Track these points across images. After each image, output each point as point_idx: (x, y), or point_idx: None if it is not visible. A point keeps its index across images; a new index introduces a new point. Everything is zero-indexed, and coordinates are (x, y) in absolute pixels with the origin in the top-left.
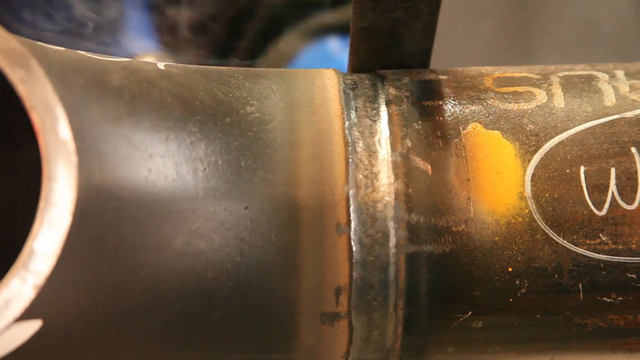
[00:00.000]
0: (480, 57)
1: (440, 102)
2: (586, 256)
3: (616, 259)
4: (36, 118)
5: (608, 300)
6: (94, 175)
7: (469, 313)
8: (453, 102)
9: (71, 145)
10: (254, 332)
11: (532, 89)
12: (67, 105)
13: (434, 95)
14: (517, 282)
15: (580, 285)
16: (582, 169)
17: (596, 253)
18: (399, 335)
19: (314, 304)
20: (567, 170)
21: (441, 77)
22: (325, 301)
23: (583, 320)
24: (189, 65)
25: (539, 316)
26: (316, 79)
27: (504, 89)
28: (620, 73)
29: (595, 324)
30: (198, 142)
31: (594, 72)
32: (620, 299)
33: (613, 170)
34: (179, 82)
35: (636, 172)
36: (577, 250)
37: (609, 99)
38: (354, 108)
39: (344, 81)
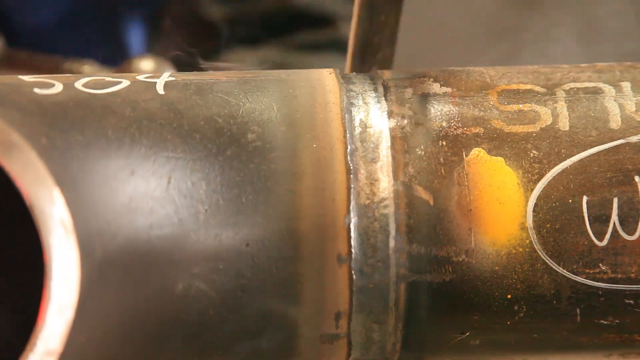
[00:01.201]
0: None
1: (444, 124)
2: (585, 284)
3: (615, 286)
4: (30, 205)
5: (605, 322)
6: (95, 252)
7: (467, 333)
8: (456, 124)
9: (69, 225)
10: (255, 351)
11: (537, 108)
12: (63, 179)
13: (437, 114)
14: (516, 308)
15: (578, 310)
16: (585, 198)
17: (595, 281)
18: (397, 351)
19: (314, 328)
20: (570, 200)
21: (445, 89)
22: (325, 324)
23: (579, 338)
24: (189, 81)
25: (536, 336)
26: (318, 92)
27: (508, 107)
28: (626, 86)
29: (591, 340)
30: (199, 183)
31: (600, 85)
32: (617, 321)
33: (615, 200)
34: (178, 112)
35: (638, 202)
36: (576, 279)
37: (615, 120)
38: (356, 128)
39: (346, 94)
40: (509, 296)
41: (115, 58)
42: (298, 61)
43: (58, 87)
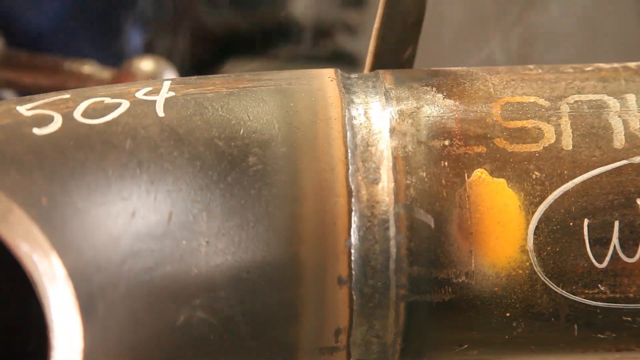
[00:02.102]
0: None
1: (446, 143)
2: (584, 303)
3: (613, 305)
4: (30, 278)
5: (602, 336)
6: (98, 310)
7: (465, 346)
8: (459, 143)
9: (70, 292)
10: None
11: (541, 125)
12: (64, 241)
13: (440, 132)
14: (514, 324)
15: (575, 326)
16: (586, 221)
17: (594, 301)
18: None
19: (313, 342)
20: (571, 224)
21: (447, 102)
22: (325, 339)
23: (576, 349)
24: (189, 96)
25: (533, 347)
26: (319, 105)
27: (512, 124)
28: (631, 100)
29: (588, 351)
30: (200, 214)
31: (605, 98)
32: (615, 335)
33: (617, 223)
34: (179, 138)
35: (639, 225)
36: (575, 299)
37: (618, 139)
38: (358, 146)
39: (348, 107)
40: (507, 314)
41: (115, 58)
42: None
43: (57, 122)
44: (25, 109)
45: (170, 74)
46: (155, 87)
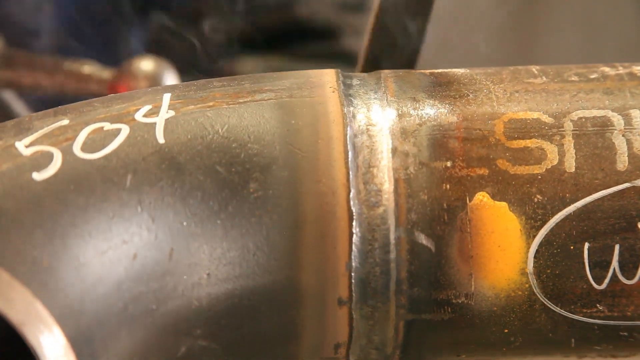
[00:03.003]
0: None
1: (449, 164)
2: (581, 321)
3: (611, 322)
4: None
5: (598, 347)
6: None
7: (463, 356)
8: (462, 164)
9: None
10: None
11: (544, 145)
12: (67, 305)
13: (442, 153)
14: (512, 339)
15: (572, 340)
16: (586, 245)
17: (592, 319)
18: None
19: (313, 355)
20: (571, 247)
21: (450, 118)
22: (324, 352)
23: (571, 356)
24: (190, 116)
25: (529, 357)
26: (321, 122)
27: (514, 144)
28: (636, 116)
29: (584, 357)
30: (201, 247)
31: (609, 115)
32: (611, 346)
33: (617, 246)
34: (179, 167)
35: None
36: (573, 317)
37: (621, 160)
38: (360, 167)
39: (350, 124)
40: (505, 330)
41: (115, 59)
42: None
43: (56, 161)
44: (24, 146)
45: (170, 74)
46: (155, 104)
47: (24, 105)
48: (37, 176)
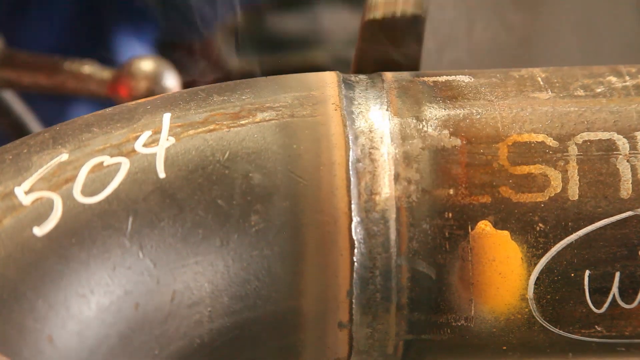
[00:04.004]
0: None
1: (451, 192)
2: (580, 340)
3: (608, 340)
4: None
5: (596, 359)
6: None
7: None
8: (464, 192)
9: None
10: None
11: (548, 171)
12: None
13: (445, 180)
14: (510, 354)
15: (570, 354)
16: (587, 272)
17: (589, 337)
18: None
19: None
20: (572, 274)
21: (454, 141)
22: None
23: None
24: (190, 144)
25: None
26: (323, 146)
27: (518, 170)
28: None
29: None
30: (202, 285)
31: (614, 137)
32: (608, 358)
33: (618, 274)
34: (180, 205)
35: None
36: (571, 337)
37: (625, 188)
38: (362, 194)
39: (352, 148)
40: (504, 347)
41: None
42: None
43: (57, 211)
44: (23, 192)
45: (170, 74)
46: (155, 128)
47: (24, 105)
48: (38, 231)
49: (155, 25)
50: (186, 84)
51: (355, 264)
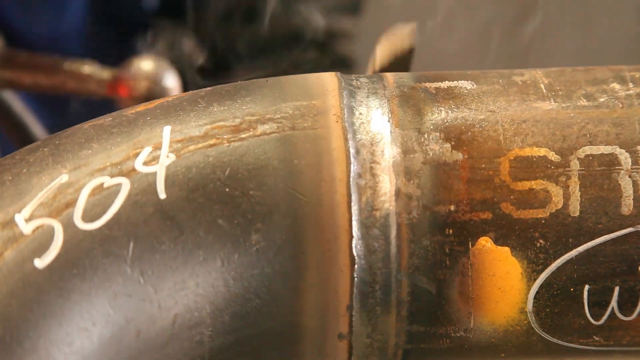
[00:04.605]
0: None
1: (452, 208)
2: (577, 348)
3: (606, 349)
4: None
5: None
6: None
7: None
8: (465, 209)
9: None
10: None
11: (549, 186)
12: None
13: (446, 195)
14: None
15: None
16: (587, 287)
17: (587, 346)
18: None
19: None
20: (571, 289)
21: (455, 155)
22: None
23: None
24: (191, 160)
25: None
26: (324, 162)
27: (519, 185)
28: None
29: None
30: (203, 306)
31: (616, 152)
32: None
33: (617, 288)
34: (181, 226)
35: (639, 290)
36: (569, 345)
37: (626, 204)
38: (362, 210)
39: (354, 163)
40: (502, 355)
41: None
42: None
43: (58, 239)
44: (24, 220)
45: (170, 74)
46: (156, 144)
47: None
48: (39, 263)
49: None
50: None
51: (356, 279)
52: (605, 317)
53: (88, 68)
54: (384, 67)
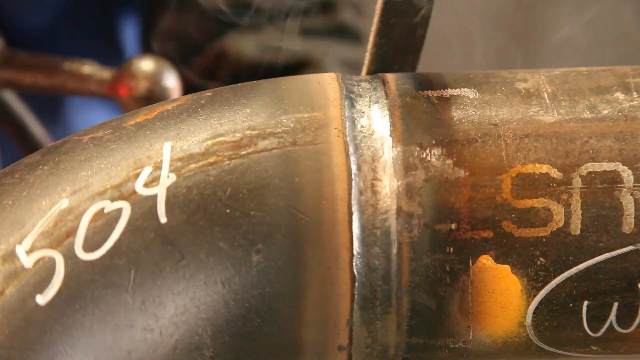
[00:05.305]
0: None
1: (453, 227)
2: (575, 356)
3: (603, 357)
4: None
5: None
6: None
7: None
8: (466, 227)
9: None
10: None
11: (551, 204)
12: None
13: (447, 214)
14: None
15: None
16: (586, 303)
17: (585, 355)
18: None
19: None
20: (571, 305)
21: (457, 172)
22: None
23: None
24: (191, 179)
25: None
26: (325, 179)
27: (521, 204)
28: None
29: None
30: (205, 329)
31: (619, 169)
32: None
33: (616, 304)
34: (181, 251)
35: (638, 306)
36: (567, 354)
37: (628, 222)
38: (363, 229)
39: (356, 180)
40: None
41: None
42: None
43: (59, 272)
44: (24, 252)
45: (170, 74)
46: (156, 163)
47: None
48: (41, 300)
49: None
50: None
51: (356, 295)
52: (603, 330)
53: (88, 68)
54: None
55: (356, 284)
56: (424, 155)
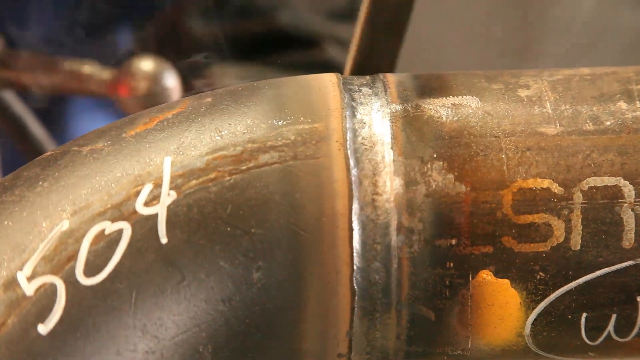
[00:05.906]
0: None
1: (453, 242)
2: None
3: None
4: None
5: None
6: None
7: None
8: (466, 242)
9: None
10: None
11: (551, 220)
12: None
13: (447, 229)
14: None
15: None
16: (584, 315)
17: (583, 359)
18: None
19: None
20: (569, 316)
21: (458, 187)
22: None
23: None
24: (192, 197)
25: None
26: (325, 194)
27: (521, 219)
28: None
29: None
30: (206, 347)
31: (620, 184)
32: None
33: (614, 316)
34: (182, 271)
35: (636, 317)
36: (565, 359)
37: (628, 238)
38: (364, 244)
39: (356, 196)
40: None
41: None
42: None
43: (60, 299)
44: (25, 279)
45: (169, 74)
46: (156, 180)
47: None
48: (43, 329)
49: None
50: None
51: (356, 308)
52: (601, 339)
53: (88, 68)
54: None
55: (356, 297)
56: (425, 169)
